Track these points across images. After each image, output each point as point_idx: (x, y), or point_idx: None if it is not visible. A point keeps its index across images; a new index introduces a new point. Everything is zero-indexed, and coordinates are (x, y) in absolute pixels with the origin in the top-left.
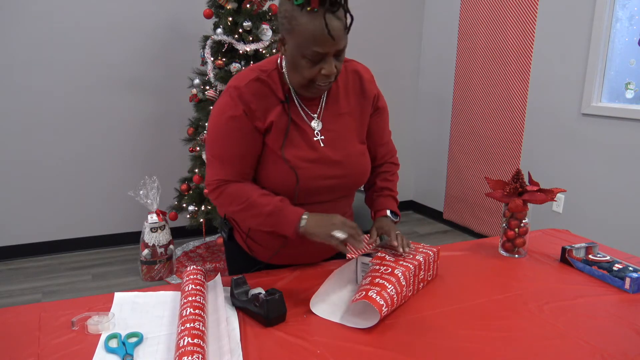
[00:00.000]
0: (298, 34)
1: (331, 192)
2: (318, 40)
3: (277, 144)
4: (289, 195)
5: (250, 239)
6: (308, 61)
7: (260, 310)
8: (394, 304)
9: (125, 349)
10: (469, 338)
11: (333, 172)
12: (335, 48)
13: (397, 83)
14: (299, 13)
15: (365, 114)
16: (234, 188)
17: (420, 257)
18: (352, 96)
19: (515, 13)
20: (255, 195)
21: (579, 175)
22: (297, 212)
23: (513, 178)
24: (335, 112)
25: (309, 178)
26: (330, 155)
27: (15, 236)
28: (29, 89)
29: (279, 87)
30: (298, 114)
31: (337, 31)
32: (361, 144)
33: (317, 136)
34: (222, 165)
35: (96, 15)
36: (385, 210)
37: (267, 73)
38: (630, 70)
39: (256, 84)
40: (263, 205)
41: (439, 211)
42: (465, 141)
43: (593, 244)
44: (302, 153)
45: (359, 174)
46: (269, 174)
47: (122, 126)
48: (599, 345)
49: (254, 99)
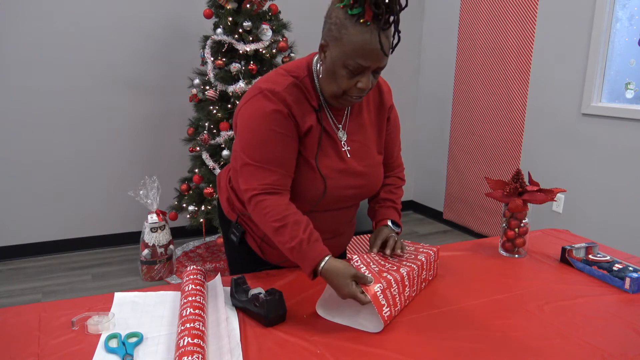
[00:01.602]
0: (346, 44)
1: (349, 201)
2: (364, 53)
3: (311, 152)
4: (312, 202)
5: (265, 244)
6: (348, 72)
7: (260, 310)
8: (397, 305)
9: (125, 349)
10: (469, 338)
11: (356, 183)
12: (378, 64)
13: (397, 83)
14: (350, 23)
15: (382, 125)
16: (269, 204)
17: (422, 257)
18: (372, 107)
19: (515, 13)
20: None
21: (579, 175)
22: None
23: (513, 178)
24: (359, 124)
25: (336, 188)
26: (355, 167)
27: (15, 236)
28: (28, 89)
29: (313, 95)
30: (329, 123)
31: (385, 48)
32: (379, 155)
33: (344, 147)
34: (259, 172)
35: (96, 16)
36: (387, 220)
37: (300, 79)
38: (630, 70)
39: (294, 89)
40: (289, 240)
41: (439, 211)
42: (465, 141)
43: (593, 244)
44: (332, 163)
45: (375, 185)
46: (298, 181)
47: (122, 126)
48: (599, 345)
49: (294, 104)
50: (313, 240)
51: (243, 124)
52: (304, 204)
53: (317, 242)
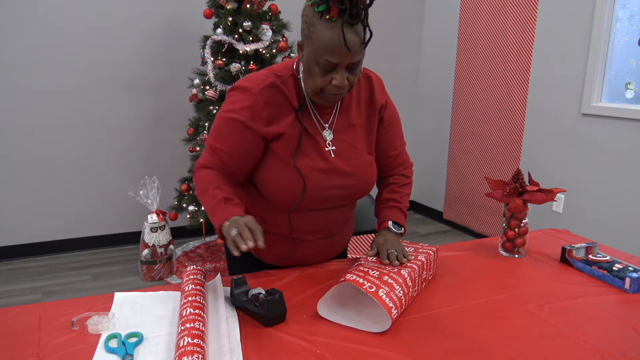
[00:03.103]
0: (315, 41)
1: (336, 201)
2: (331, 50)
3: (288, 152)
4: (292, 202)
5: None
6: (321, 69)
7: (260, 310)
8: (402, 306)
9: (125, 349)
10: (469, 338)
11: (341, 183)
12: (348, 60)
13: (397, 83)
14: (318, 20)
15: (372, 125)
16: (205, 173)
17: (422, 257)
18: (363, 106)
19: (515, 13)
20: (212, 185)
21: (579, 175)
22: (229, 213)
23: (513, 178)
24: (347, 123)
25: (318, 188)
26: (340, 166)
27: (15, 236)
28: (28, 89)
29: (294, 95)
30: (311, 122)
31: (352, 44)
32: (369, 155)
33: (329, 146)
34: (210, 155)
35: (96, 16)
36: (388, 222)
37: (283, 79)
38: (630, 70)
39: (270, 90)
40: (211, 198)
41: (439, 211)
42: (465, 141)
43: (593, 244)
44: (313, 163)
45: (365, 185)
46: (276, 181)
47: (122, 126)
48: (599, 345)
49: (266, 106)
50: (231, 200)
51: (220, 109)
52: (284, 203)
53: (236, 205)
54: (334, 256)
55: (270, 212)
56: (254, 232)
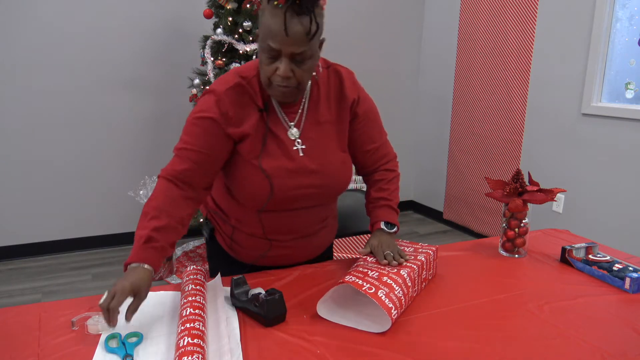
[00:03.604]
0: (261, 26)
1: (308, 201)
2: (273, 35)
3: (253, 153)
4: (260, 202)
5: (234, 242)
6: (266, 57)
7: (260, 310)
8: (402, 306)
9: (125, 349)
10: (469, 338)
11: (311, 182)
12: (291, 50)
13: (397, 83)
14: (266, 6)
15: (344, 121)
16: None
17: (422, 257)
18: (333, 102)
19: (515, 13)
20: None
21: (579, 175)
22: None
23: (513, 178)
24: (316, 120)
25: (285, 188)
26: (308, 165)
27: (15, 236)
28: (29, 89)
29: (259, 95)
30: (277, 122)
31: (294, 32)
32: (342, 152)
33: (297, 145)
34: (177, 160)
35: (96, 16)
36: (380, 222)
37: (248, 79)
38: (630, 70)
39: (236, 89)
40: (140, 228)
41: (439, 211)
42: (465, 141)
43: (593, 244)
44: (279, 163)
45: (338, 184)
46: (243, 182)
47: (122, 126)
48: (599, 345)
49: (232, 107)
50: (152, 244)
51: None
52: (253, 204)
53: (153, 249)
54: (315, 257)
55: (243, 212)
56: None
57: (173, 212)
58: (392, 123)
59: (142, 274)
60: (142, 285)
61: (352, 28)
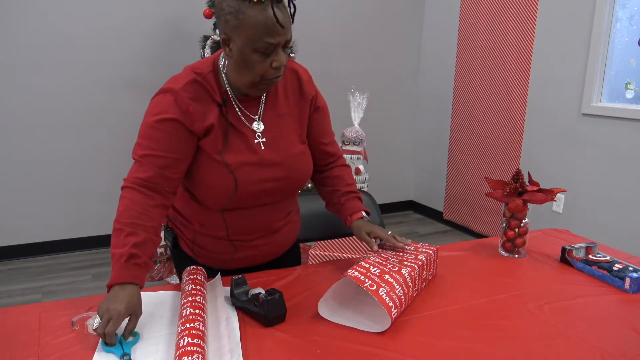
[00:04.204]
0: (247, 28)
1: (272, 195)
2: (269, 31)
3: (216, 148)
4: (225, 199)
5: (197, 246)
6: (260, 55)
7: (260, 310)
8: (402, 305)
9: (123, 348)
10: (469, 338)
11: (273, 175)
12: (285, 38)
13: (397, 83)
14: (246, 6)
15: (304, 114)
16: (128, 198)
17: (422, 257)
18: (291, 97)
19: (515, 13)
20: (128, 228)
21: (579, 175)
22: (123, 277)
23: (513, 178)
24: (275, 113)
25: (249, 182)
26: (270, 157)
27: (15, 236)
28: (29, 89)
29: (216, 90)
30: (237, 117)
31: (284, 21)
32: (302, 144)
33: (258, 138)
34: (139, 168)
35: (96, 16)
36: (361, 212)
37: (203, 76)
38: (630, 70)
39: (193, 86)
40: (116, 246)
41: (439, 211)
42: (465, 141)
43: (593, 244)
44: (241, 157)
45: (301, 175)
46: (206, 179)
47: (122, 126)
48: (599, 345)
49: (192, 102)
50: (135, 261)
51: (144, 117)
52: (217, 202)
53: (137, 265)
54: (281, 254)
55: (206, 214)
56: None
57: (147, 224)
58: (392, 123)
59: (132, 291)
60: (136, 304)
61: (352, 28)
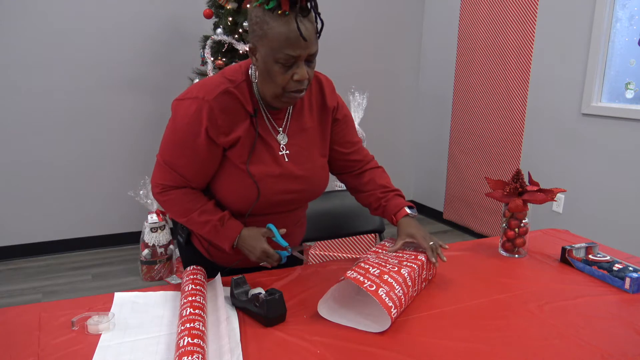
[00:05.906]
0: (271, 38)
1: (289, 205)
2: (291, 43)
3: (242, 158)
4: (246, 207)
5: (211, 245)
6: (281, 66)
7: (260, 310)
8: (402, 305)
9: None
10: (469, 338)
11: (295, 187)
12: (307, 52)
13: (397, 83)
14: (270, 17)
15: (326, 127)
16: (175, 195)
17: (422, 257)
18: (315, 109)
19: (515, 13)
20: (196, 213)
21: (579, 175)
22: (233, 232)
23: (513, 178)
24: (300, 127)
25: (271, 193)
26: (293, 171)
27: (15, 236)
28: (29, 89)
29: (248, 100)
30: (265, 127)
31: (308, 34)
32: (322, 158)
33: (283, 150)
34: (167, 172)
35: (96, 16)
36: (405, 208)
37: (236, 84)
38: (630, 70)
39: (225, 97)
40: (202, 225)
41: (439, 211)
42: (465, 141)
43: (593, 244)
44: (267, 168)
45: (319, 188)
46: (230, 187)
47: (122, 126)
48: (599, 345)
49: (221, 114)
50: (225, 220)
51: (170, 120)
52: (239, 209)
53: (229, 220)
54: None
55: None
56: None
57: (204, 200)
58: (392, 123)
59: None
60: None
61: (352, 28)
